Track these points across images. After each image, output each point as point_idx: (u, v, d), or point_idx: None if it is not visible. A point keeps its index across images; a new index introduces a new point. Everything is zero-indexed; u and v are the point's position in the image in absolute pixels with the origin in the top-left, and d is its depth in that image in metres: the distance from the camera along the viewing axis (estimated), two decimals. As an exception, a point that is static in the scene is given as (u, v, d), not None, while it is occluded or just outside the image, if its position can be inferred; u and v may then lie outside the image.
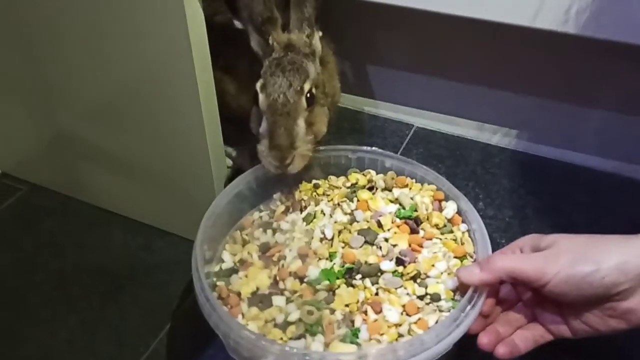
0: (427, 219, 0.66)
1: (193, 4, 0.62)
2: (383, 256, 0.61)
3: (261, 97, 0.66)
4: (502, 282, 0.57)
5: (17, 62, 0.80)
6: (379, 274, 0.60)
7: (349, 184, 0.71)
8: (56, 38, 0.74)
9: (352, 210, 0.67)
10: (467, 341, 0.54)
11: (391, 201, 0.69)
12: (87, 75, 0.75)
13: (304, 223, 0.67)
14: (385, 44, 0.85)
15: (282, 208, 0.70)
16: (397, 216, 0.66)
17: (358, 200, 0.68)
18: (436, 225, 0.65)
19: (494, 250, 0.60)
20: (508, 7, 0.79)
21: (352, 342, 0.54)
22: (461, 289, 0.57)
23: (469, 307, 0.53)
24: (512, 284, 0.60)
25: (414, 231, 0.64)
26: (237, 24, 0.70)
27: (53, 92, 0.80)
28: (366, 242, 0.63)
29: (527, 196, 0.88)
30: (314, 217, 0.67)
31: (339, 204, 0.68)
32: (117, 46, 0.69)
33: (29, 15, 0.73)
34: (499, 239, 0.77)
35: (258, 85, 0.66)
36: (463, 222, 0.66)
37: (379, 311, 0.56)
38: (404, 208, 0.67)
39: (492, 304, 0.58)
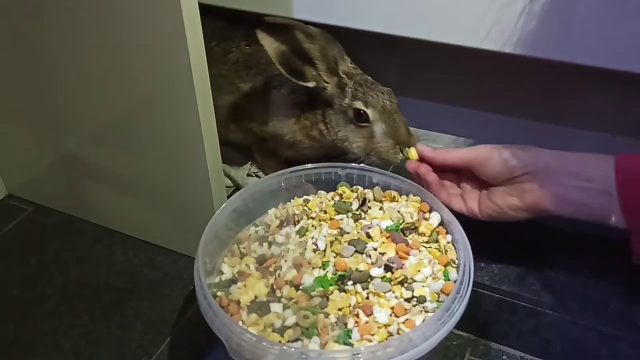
0: (414, 227, 0.69)
1: (195, 37, 0.65)
2: (372, 263, 0.64)
3: (371, 111, 0.80)
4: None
5: (24, 86, 0.82)
6: (369, 279, 0.62)
7: (337, 199, 0.74)
8: (63, 63, 0.76)
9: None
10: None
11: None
12: (93, 99, 0.77)
13: (298, 236, 0.69)
14: (375, 68, 0.88)
15: (276, 222, 0.72)
16: (385, 230, 0.69)
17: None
18: (423, 234, 0.68)
19: (475, 258, 0.64)
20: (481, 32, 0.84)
21: (345, 343, 0.57)
22: (445, 291, 0.61)
23: (452, 306, 0.57)
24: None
25: (400, 242, 0.67)
26: (310, 84, 0.80)
27: (59, 117, 0.82)
28: (356, 251, 0.65)
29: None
30: (307, 230, 0.70)
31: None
32: (123, 72, 0.72)
33: (38, 41, 0.76)
34: (482, 251, 0.79)
35: (359, 106, 0.80)
36: (447, 232, 0.69)
37: (369, 313, 0.59)
38: (392, 221, 0.70)
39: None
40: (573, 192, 0.67)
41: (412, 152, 0.78)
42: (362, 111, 0.79)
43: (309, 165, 0.77)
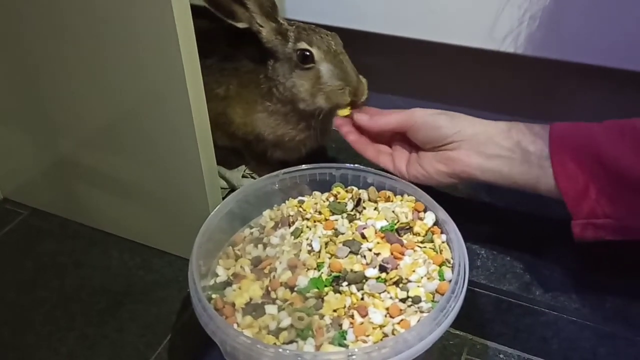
0: (409, 227, 0.69)
1: (188, 40, 0.65)
2: (367, 264, 0.64)
3: (316, 51, 0.77)
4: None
5: (17, 91, 0.82)
6: (364, 280, 0.62)
7: (332, 199, 0.74)
8: (56, 66, 0.76)
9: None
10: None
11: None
12: (86, 102, 0.77)
13: (292, 237, 0.69)
14: (370, 68, 0.89)
15: (271, 224, 0.72)
16: (380, 230, 0.69)
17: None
18: (418, 234, 0.68)
19: (470, 257, 0.64)
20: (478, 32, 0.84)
21: (340, 344, 0.57)
22: (440, 290, 0.61)
23: (447, 306, 0.57)
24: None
25: (395, 242, 0.67)
26: (241, 25, 0.78)
27: (53, 120, 0.82)
28: (351, 252, 0.65)
29: (505, 210, 0.91)
30: (302, 232, 0.70)
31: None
32: (116, 75, 0.71)
33: (31, 45, 0.76)
34: (478, 250, 0.80)
35: (303, 46, 0.77)
36: (442, 232, 0.69)
37: (364, 314, 0.59)
38: (387, 221, 0.69)
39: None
40: (495, 161, 0.69)
41: (343, 110, 0.78)
42: (306, 52, 0.77)
43: (304, 166, 0.76)
